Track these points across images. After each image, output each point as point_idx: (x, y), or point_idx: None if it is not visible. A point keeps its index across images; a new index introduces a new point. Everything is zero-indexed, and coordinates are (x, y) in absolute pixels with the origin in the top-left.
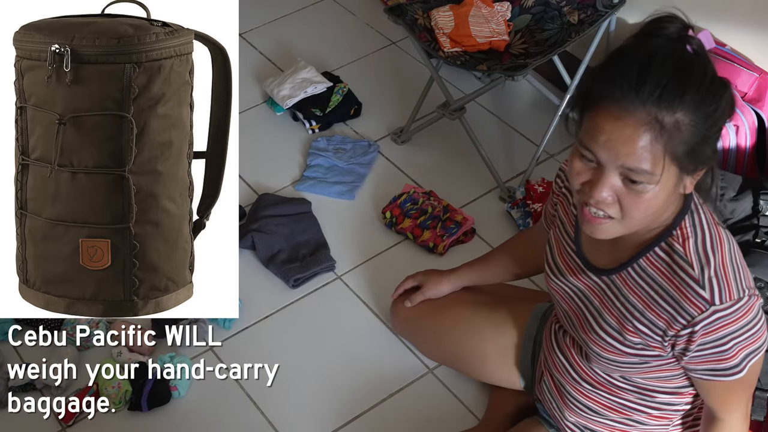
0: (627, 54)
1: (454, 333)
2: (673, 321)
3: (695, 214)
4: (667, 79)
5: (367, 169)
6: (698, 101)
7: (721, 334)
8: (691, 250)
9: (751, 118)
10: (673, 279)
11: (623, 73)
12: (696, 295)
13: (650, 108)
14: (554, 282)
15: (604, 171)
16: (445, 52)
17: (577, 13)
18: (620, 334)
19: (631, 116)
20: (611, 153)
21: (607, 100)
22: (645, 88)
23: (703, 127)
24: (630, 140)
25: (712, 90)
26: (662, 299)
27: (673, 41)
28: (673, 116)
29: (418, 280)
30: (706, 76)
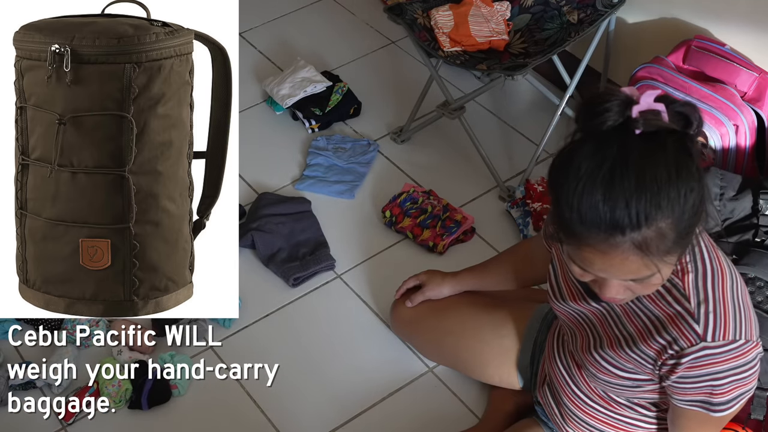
0: (585, 179)
1: (453, 334)
2: (663, 351)
3: (696, 248)
4: (636, 198)
5: (367, 169)
6: (674, 199)
7: (704, 372)
8: (690, 285)
9: (750, 117)
10: (668, 310)
11: (591, 210)
12: (689, 328)
13: (631, 235)
14: (557, 305)
15: (607, 280)
16: (445, 51)
17: (577, 12)
18: (614, 359)
19: (615, 249)
20: (608, 274)
21: (586, 240)
22: (618, 220)
23: (687, 215)
24: (622, 265)
25: (681, 174)
26: (656, 330)
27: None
28: (655, 228)
29: (421, 279)
30: (668, 162)
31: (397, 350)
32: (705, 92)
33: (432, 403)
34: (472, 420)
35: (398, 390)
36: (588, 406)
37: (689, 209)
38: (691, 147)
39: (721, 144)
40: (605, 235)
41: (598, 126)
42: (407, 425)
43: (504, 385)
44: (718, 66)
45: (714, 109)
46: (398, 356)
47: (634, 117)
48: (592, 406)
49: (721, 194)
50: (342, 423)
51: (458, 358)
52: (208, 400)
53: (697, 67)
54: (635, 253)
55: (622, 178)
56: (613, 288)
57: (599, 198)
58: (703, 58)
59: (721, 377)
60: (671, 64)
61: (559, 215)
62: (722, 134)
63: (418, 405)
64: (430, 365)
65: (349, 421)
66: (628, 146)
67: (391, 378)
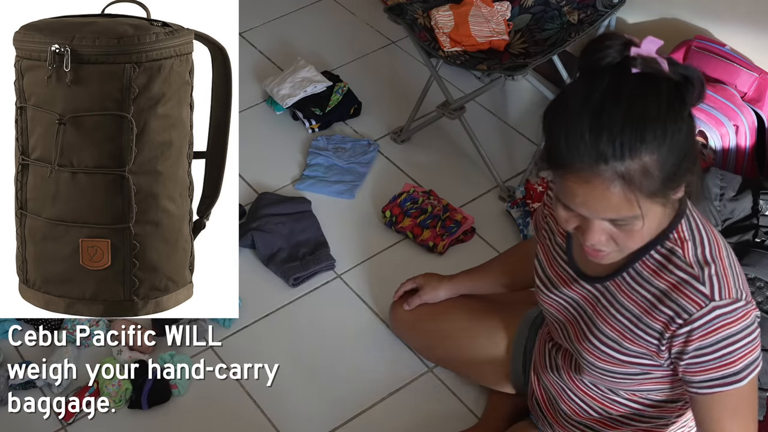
0: (575, 108)
1: (449, 339)
2: (671, 321)
3: (691, 218)
4: (621, 129)
5: (367, 169)
6: (660, 135)
7: (720, 337)
8: (690, 253)
9: (750, 118)
10: (670, 279)
11: (577, 137)
12: (695, 291)
13: (614, 164)
14: (547, 296)
15: (590, 222)
16: (445, 51)
17: (577, 12)
18: (617, 342)
19: (598, 177)
20: (590, 210)
21: (571, 167)
22: (602, 148)
23: (673, 156)
24: (603, 198)
25: (671, 115)
26: (659, 301)
27: (616, 70)
28: (639, 162)
29: (417, 282)
30: (660, 101)
31: (397, 350)
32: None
33: (432, 403)
34: (472, 420)
35: (398, 390)
36: (584, 409)
37: (676, 151)
38: (687, 98)
39: (721, 144)
40: (589, 163)
41: (597, 62)
42: (407, 425)
43: (500, 389)
44: (718, 66)
45: (714, 110)
46: (398, 356)
47: (632, 56)
48: (588, 408)
49: (721, 194)
50: (342, 423)
51: (454, 362)
52: (208, 400)
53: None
54: (617, 185)
55: (610, 109)
56: (595, 231)
57: (586, 126)
58: (703, 59)
59: (734, 341)
60: None
61: (547, 144)
62: (722, 134)
63: (418, 405)
64: (430, 365)
65: (349, 421)
66: (622, 81)
67: (391, 378)
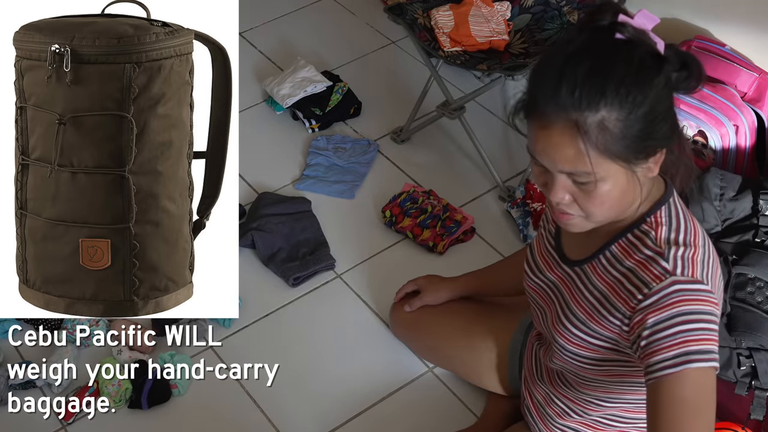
0: (550, 57)
1: (449, 341)
2: (632, 298)
3: (673, 207)
4: (584, 80)
5: (367, 168)
6: (623, 94)
7: (677, 311)
8: (662, 235)
9: (750, 118)
10: (638, 257)
11: (544, 82)
12: (658, 267)
13: (571, 112)
14: (532, 280)
15: (553, 176)
16: (445, 51)
17: (577, 12)
18: (584, 324)
19: (555, 123)
20: (549, 160)
21: (534, 110)
22: (561, 93)
23: (635, 116)
24: (559, 147)
25: (640, 78)
26: (626, 279)
27: (602, 32)
28: (596, 116)
29: (419, 284)
30: (631, 64)
31: (397, 350)
32: (705, 92)
33: (432, 403)
34: (472, 420)
35: (398, 390)
36: (568, 414)
37: (640, 114)
38: (665, 70)
39: (721, 144)
40: (550, 108)
41: (587, 24)
42: (407, 425)
43: (499, 392)
44: (718, 66)
45: (714, 110)
46: (398, 356)
47: (620, 21)
48: (572, 414)
49: (721, 194)
50: (342, 423)
51: (453, 364)
52: (208, 400)
53: None
54: (572, 135)
55: (579, 60)
56: (558, 187)
57: (554, 73)
58: (703, 59)
59: (692, 320)
60: None
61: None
62: (722, 134)
63: (418, 405)
64: (430, 365)
65: (349, 421)
66: (600, 39)
67: (391, 378)
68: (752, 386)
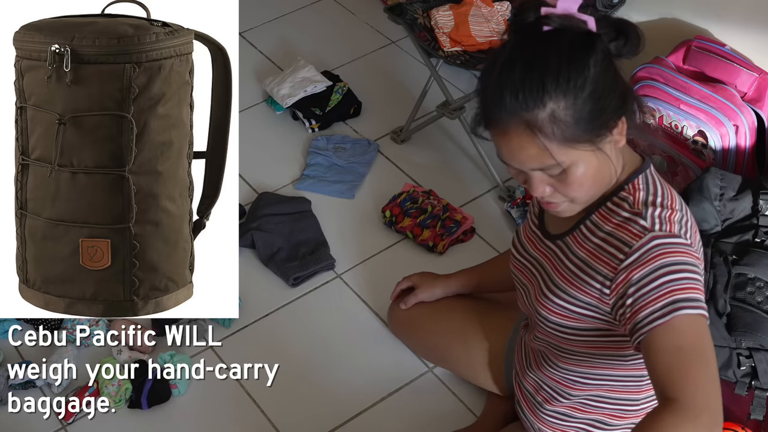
0: (489, 67)
1: (444, 342)
2: (613, 259)
3: (650, 176)
4: (522, 80)
5: (367, 168)
6: (563, 82)
7: (659, 264)
8: (640, 199)
9: (750, 118)
10: (615, 220)
11: (489, 93)
12: (636, 225)
13: (521, 114)
14: (517, 260)
15: (528, 175)
16: (445, 51)
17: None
18: (566, 293)
19: (509, 127)
20: (516, 162)
21: (488, 121)
22: (508, 101)
23: (582, 99)
24: (521, 148)
25: (574, 62)
26: (606, 242)
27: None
28: (544, 110)
29: (413, 281)
30: (561, 52)
31: (397, 350)
32: (705, 92)
33: (432, 403)
34: (472, 420)
35: (398, 390)
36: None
37: (585, 96)
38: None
39: (721, 144)
40: (501, 116)
41: (515, 25)
42: (407, 425)
43: (496, 391)
44: (718, 66)
45: (714, 110)
46: (398, 356)
47: (543, 14)
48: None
49: (721, 194)
50: (342, 423)
51: (450, 363)
52: (208, 400)
53: (697, 67)
54: (529, 134)
55: (512, 63)
56: (536, 183)
57: (494, 82)
58: (703, 59)
59: (677, 269)
60: (671, 64)
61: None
62: (722, 134)
63: (418, 405)
64: (430, 365)
65: (349, 421)
66: (528, 39)
67: (391, 378)
68: (752, 386)
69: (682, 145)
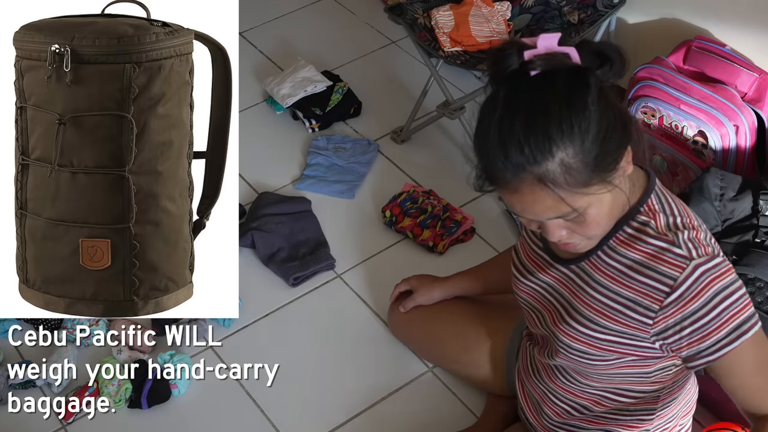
0: (484, 125)
1: (444, 342)
2: (655, 292)
3: (660, 194)
4: (526, 135)
5: (367, 168)
6: (566, 129)
7: (711, 293)
8: (661, 223)
9: (750, 118)
10: (646, 249)
11: (491, 153)
12: (673, 255)
13: (531, 169)
14: (522, 283)
15: (543, 222)
16: (445, 51)
17: (577, 12)
18: (595, 323)
19: (522, 184)
20: (532, 215)
21: (496, 180)
22: (514, 158)
23: (589, 142)
24: (536, 203)
25: (574, 106)
26: (638, 273)
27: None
28: (554, 160)
29: (411, 284)
30: (558, 97)
31: (397, 350)
32: (705, 93)
33: (432, 403)
34: (472, 419)
35: (398, 389)
36: (567, 412)
37: (591, 138)
38: (591, 80)
39: (721, 144)
40: (510, 175)
41: (499, 74)
42: (407, 425)
43: (496, 392)
44: (718, 66)
45: (714, 110)
46: (398, 356)
47: (527, 59)
48: (572, 412)
49: (721, 195)
50: (342, 423)
51: (450, 364)
52: (208, 400)
53: (698, 67)
54: (542, 188)
55: (511, 119)
56: (553, 230)
57: (495, 141)
58: (703, 59)
59: (730, 293)
60: (671, 64)
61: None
62: (722, 135)
63: (418, 405)
64: (430, 365)
65: (349, 421)
66: (518, 88)
67: (391, 378)
68: None
69: (682, 145)
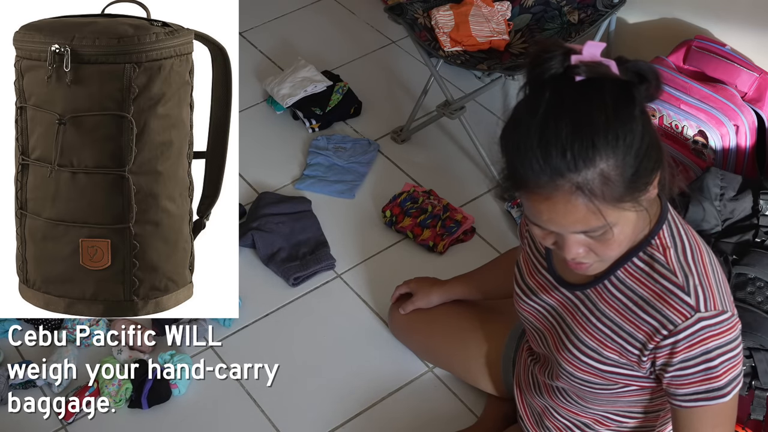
0: (523, 126)
1: (443, 346)
2: (655, 332)
3: (673, 225)
4: (570, 140)
5: (367, 168)
6: (612, 140)
7: (706, 348)
8: (672, 259)
9: (751, 118)
10: (654, 287)
11: (528, 155)
12: (680, 302)
13: (570, 177)
14: (525, 303)
15: (564, 237)
16: (446, 51)
17: (577, 12)
18: (596, 352)
19: (557, 191)
20: (558, 226)
21: (529, 186)
22: (555, 163)
23: (631, 158)
24: (567, 212)
25: (620, 118)
26: (642, 309)
27: (558, 81)
28: (595, 170)
29: (410, 287)
30: (606, 105)
31: (397, 350)
32: (705, 92)
33: (432, 403)
34: (472, 419)
35: (398, 390)
36: (569, 428)
37: (633, 153)
38: (636, 95)
39: (721, 144)
40: (546, 179)
41: (540, 75)
42: (407, 424)
43: (495, 394)
44: (718, 66)
45: (714, 110)
46: (398, 356)
47: (573, 64)
48: (573, 429)
49: (721, 194)
50: (342, 423)
51: (449, 366)
52: (208, 400)
53: (698, 67)
54: (578, 197)
55: (556, 122)
56: (572, 245)
57: (535, 143)
58: (703, 59)
59: (718, 354)
60: (672, 64)
61: (506, 165)
62: (722, 134)
63: (418, 405)
64: (430, 365)
65: (349, 421)
66: (563, 92)
67: (391, 378)
68: (752, 386)
69: (683, 145)
